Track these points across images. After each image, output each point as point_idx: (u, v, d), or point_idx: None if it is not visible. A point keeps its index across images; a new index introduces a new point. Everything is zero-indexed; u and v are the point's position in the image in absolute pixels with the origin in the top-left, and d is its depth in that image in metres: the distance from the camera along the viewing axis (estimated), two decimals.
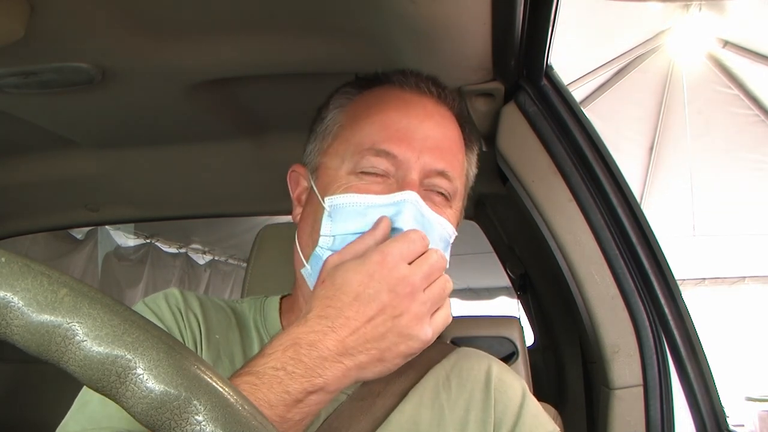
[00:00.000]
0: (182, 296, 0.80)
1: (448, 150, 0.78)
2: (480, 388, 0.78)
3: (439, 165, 0.75)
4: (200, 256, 5.97)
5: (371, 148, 0.75)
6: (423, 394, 0.77)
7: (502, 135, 1.10)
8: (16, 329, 0.32)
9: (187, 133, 1.39)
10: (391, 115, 0.77)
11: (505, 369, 0.82)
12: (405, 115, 0.77)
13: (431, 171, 0.75)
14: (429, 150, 0.75)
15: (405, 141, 0.75)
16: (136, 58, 1.00)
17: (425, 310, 0.63)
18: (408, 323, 0.61)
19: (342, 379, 0.60)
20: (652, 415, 0.98)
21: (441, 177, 0.76)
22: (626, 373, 1.00)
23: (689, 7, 3.61)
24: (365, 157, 0.75)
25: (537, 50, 0.99)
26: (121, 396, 0.32)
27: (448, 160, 0.77)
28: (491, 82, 1.05)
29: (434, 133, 0.77)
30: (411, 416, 0.75)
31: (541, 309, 2.22)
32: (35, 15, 0.83)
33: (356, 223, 0.71)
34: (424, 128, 0.77)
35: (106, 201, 1.86)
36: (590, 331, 1.06)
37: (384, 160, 0.74)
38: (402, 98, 0.79)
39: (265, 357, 0.59)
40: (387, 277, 0.62)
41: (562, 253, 1.05)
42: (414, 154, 0.74)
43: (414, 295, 0.62)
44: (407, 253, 0.64)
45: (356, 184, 0.74)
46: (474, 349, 0.87)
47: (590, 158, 1.04)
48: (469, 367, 0.80)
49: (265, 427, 0.34)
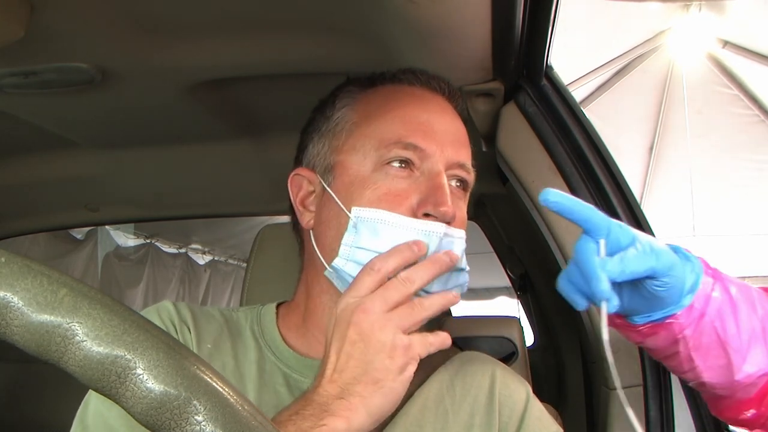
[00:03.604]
0: (175, 309, 0.80)
1: (464, 143, 0.80)
2: (484, 393, 0.78)
3: (461, 157, 0.78)
4: (200, 256, 5.98)
5: (399, 142, 0.75)
6: (427, 397, 0.77)
7: (502, 135, 1.10)
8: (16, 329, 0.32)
9: (187, 133, 1.39)
10: (410, 110, 0.78)
11: (509, 373, 0.82)
12: (424, 110, 0.78)
13: (454, 163, 0.77)
14: (450, 143, 0.77)
15: (429, 134, 0.76)
16: (136, 58, 1.00)
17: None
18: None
19: (354, 414, 0.61)
20: (652, 415, 0.98)
21: (461, 169, 0.78)
22: (626, 373, 1.00)
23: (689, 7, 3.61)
24: (392, 150, 0.75)
25: (537, 50, 0.99)
26: (121, 396, 0.32)
27: (466, 153, 0.79)
28: (491, 82, 1.05)
29: (452, 128, 0.79)
30: (416, 419, 0.75)
31: (541, 309, 2.23)
32: (35, 15, 0.83)
33: (379, 243, 0.72)
34: (443, 122, 0.79)
35: (106, 201, 1.86)
36: (590, 331, 1.06)
37: (411, 153, 0.75)
38: (416, 95, 0.81)
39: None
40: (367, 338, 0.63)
41: (562, 253, 1.05)
42: (438, 147, 0.76)
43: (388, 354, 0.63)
44: (392, 302, 0.65)
45: (383, 184, 0.74)
46: (478, 353, 0.87)
47: (590, 158, 1.04)
48: (473, 372, 0.80)
49: (265, 427, 0.34)
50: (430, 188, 0.74)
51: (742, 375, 0.73)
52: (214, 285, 6.07)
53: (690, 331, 0.71)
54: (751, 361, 0.72)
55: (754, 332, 0.73)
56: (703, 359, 0.73)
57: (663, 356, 0.77)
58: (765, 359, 0.73)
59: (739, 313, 0.72)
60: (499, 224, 2.00)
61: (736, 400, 0.76)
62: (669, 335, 0.72)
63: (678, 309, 0.70)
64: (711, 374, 0.74)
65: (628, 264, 0.64)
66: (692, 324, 0.71)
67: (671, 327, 0.71)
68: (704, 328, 0.71)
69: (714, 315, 0.71)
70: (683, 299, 0.70)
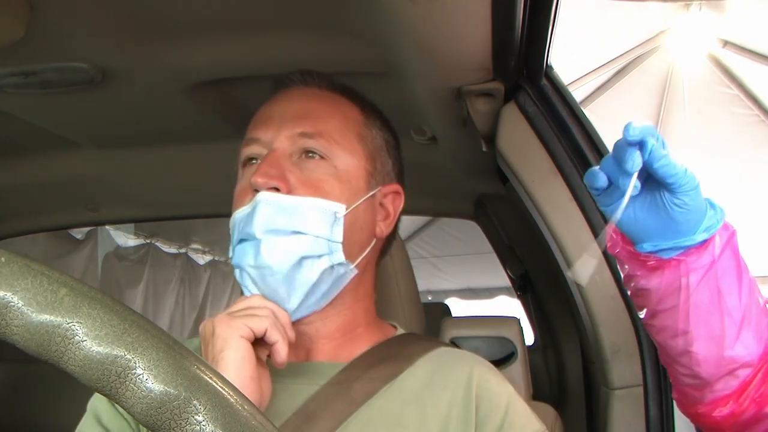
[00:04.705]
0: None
1: (309, 114, 0.80)
2: (462, 386, 0.77)
3: (299, 128, 0.78)
4: (200, 256, 5.97)
5: (245, 141, 0.81)
6: (406, 391, 0.77)
7: (502, 135, 1.10)
8: (16, 329, 0.32)
9: (187, 133, 1.39)
10: (256, 114, 0.83)
11: (488, 371, 0.80)
12: (266, 106, 0.83)
13: (293, 135, 0.78)
14: (287, 121, 0.79)
15: (264, 124, 0.80)
16: (136, 58, 1.00)
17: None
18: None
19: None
20: (652, 415, 0.98)
21: (305, 137, 0.78)
22: (626, 373, 1.00)
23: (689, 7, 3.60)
24: (242, 153, 0.81)
25: (537, 50, 0.99)
26: (121, 396, 0.32)
27: (308, 122, 0.79)
28: (491, 82, 1.05)
29: (290, 108, 0.81)
30: (395, 414, 0.75)
31: (541, 309, 2.23)
32: (35, 15, 0.83)
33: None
34: (280, 108, 0.81)
35: (106, 201, 1.87)
36: (590, 331, 1.06)
37: (254, 147, 0.79)
38: (272, 98, 0.85)
39: None
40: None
41: (562, 253, 1.05)
42: (273, 132, 0.78)
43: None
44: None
45: (238, 186, 0.81)
46: (459, 350, 0.87)
47: (590, 158, 1.04)
48: (453, 367, 0.79)
49: (265, 427, 0.34)
50: None
51: (732, 353, 0.72)
52: (214, 285, 6.06)
53: (695, 279, 0.70)
54: (744, 341, 0.72)
55: (749, 312, 0.72)
56: (698, 323, 0.72)
57: (660, 309, 0.75)
58: (755, 344, 0.72)
59: (743, 285, 0.71)
60: (499, 224, 2.00)
61: (715, 393, 0.75)
62: (673, 277, 0.71)
63: (690, 242, 0.69)
64: (701, 345, 0.72)
65: (658, 159, 0.65)
66: (699, 270, 0.70)
67: (678, 267, 0.70)
68: (709, 283, 0.70)
69: (721, 273, 0.70)
70: (697, 233, 0.69)
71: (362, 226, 0.79)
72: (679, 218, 0.68)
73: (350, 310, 0.81)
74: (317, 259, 0.75)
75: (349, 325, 0.81)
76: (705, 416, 0.77)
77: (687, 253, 0.70)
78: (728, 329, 0.71)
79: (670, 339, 0.76)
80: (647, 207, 0.69)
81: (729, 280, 0.71)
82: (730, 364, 0.72)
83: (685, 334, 0.73)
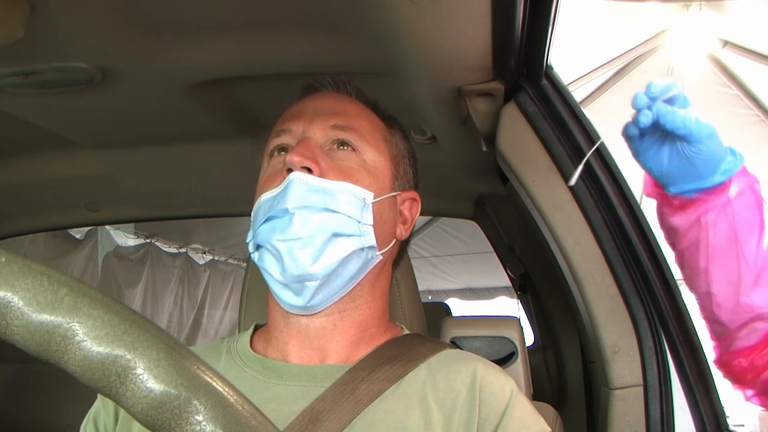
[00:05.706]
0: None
1: (341, 112, 0.83)
2: (466, 388, 0.77)
3: (332, 121, 0.81)
4: (200, 256, 5.97)
5: (274, 133, 0.84)
6: (411, 393, 0.77)
7: (502, 135, 1.10)
8: (16, 329, 0.32)
9: (187, 133, 1.39)
10: (286, 111, 0.87)
11: (493, 370, 0.81)
12: (298, 104, 0.86)
13: (326, 127, 0.81)
14: (320, 115, 0.82)
15: (297, 116, 0.83)
16: (136, 58, 1.00)
17: None
18: None
19: None
20: (652, 415, 0.98)
21: (338, 129, 0.81)
22: (626, 373, 1.00)
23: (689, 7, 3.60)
24: (270, 143, 0.83)
25: (537, 50, 0.99)
26: (121, 396, 0.32)
27: (341, 117, 0.82)
28: (491, 82, 1.05)
29: (323, 104, 0.84)
30: (400, 416, 0.75)
31: (541, 309, 2.23)
32: (35, 15, 0.83)
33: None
34: (314, 105, 0.84)
35: (106, 201, 1.87)
36: (590, 331, 1.06)
37: (284, 137, 0.82)
38: (303, 99, 0.88)
39: None
40: None
41: (562, 253, 1.05)
42: (305, 124, 0.81)
43: None
44: None
45: (264, 172, 0.83)
46: (464, 351, 0.87)
47: (590, 158, 1.04)
48: (456, 370, 0.79)
49: (265, 427, 0.34)
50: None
51: (749, 300, 0.77)
52: (214, 285, 6.06)
53: (712, 217, 0.78)
54: (762, 293, 0.77)
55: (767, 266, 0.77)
56: (716, 264, 0.78)
57: (686, 245, 0.82)
58: None
59: (763, 237, 0.77)
60: (499, 224, 2.00)
61: (736, 343, 0.80)
62: (694, 215, 0.79)
63: (708, 183, 0.77)
64: (719, 287, 0.79)
65: (663, 116, 0.76)
66: (715, 210, 0.77)
67: (698, 205, 0.79)
68: (724, 223, 0.77)
69: (738, 218, 0.77)
70: (715, 176, 0.77)
71: (387, 221, 0.83)
72: (698, 163, 0.77)
73: (367, 306, 0.82)
74: (348, 237, 0.77)
75: (365, 323, 0.82)
76: (727, 365, 0.84)
77: (706, 192, 0.78)
78: (744, 276, 0.77)
79: (694, 277, 0.83)
80: (672, 155, 0.79)
81: (747, 227, 0.77)
82: (747, 312, 0.78)
83: (706, 273, 0.80)
